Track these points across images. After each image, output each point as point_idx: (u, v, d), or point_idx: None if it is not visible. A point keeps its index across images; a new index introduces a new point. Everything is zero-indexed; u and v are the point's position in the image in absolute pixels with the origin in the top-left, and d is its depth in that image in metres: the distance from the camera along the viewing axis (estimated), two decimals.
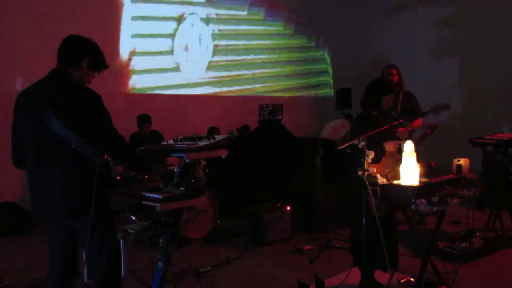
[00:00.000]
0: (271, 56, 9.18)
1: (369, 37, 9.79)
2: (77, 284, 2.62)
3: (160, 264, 2.75)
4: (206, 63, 8.29)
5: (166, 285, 3.22)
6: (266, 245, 4.82)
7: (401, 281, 3.31)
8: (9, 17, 6.05)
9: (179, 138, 2.89)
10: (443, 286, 3.18)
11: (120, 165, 3.07)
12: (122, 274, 3.63)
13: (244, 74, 8.75)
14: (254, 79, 8.90)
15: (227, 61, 8.52)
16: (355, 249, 3.49)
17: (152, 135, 6.16)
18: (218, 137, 2.73)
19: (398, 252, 3.53)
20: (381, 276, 3.34)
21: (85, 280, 3.49)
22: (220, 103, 8.21)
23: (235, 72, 8.65)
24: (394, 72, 4.86)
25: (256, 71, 8.93)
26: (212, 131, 6.88)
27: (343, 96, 8.48)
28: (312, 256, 4.40)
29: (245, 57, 8.77)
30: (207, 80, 8.27)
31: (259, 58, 8.98)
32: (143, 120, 6.16)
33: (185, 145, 2.62)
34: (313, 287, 3.39)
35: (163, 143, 3.03)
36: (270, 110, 6.66)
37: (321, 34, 9.55)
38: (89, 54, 2.49)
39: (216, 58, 8.38)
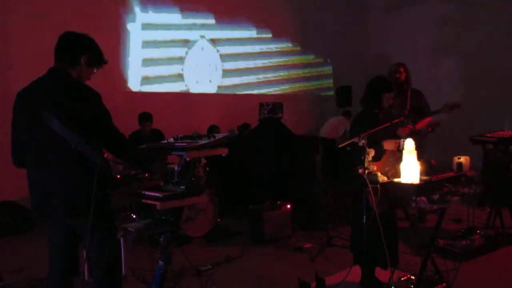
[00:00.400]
0: (280, 74, 9.26)
1: (370, 35, 9.78)
2: (78, 283, 2.62)
3: (161, 262, 2.75)
4: (216, 87, 8.35)
5: (166, 283, 3.22)
6: (267, 244, 4.82)
7: (402, 279, 3.31)
8: (11, 16, 6.05)
9: (179, 136, 2.89)
10: (444, 284, 3.18)
11: (120, 164, 3.07)
12: (123, 272, 3.63)
13: (251, 91, 8.79)
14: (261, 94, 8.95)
15: (236, 83, 8.61)
16: (356, 247, 3.49)
17: (153, 133, 6.16)
18: (218, 136, 2.73)
19: (399, 249, 3.53)
20: (381, 274, 3.34)
21: (86, 279, 3.50)
22: (220, 102, 8.20)
23: (245, 92, 8.71)
24: (401, 69, 4.89)
25: (265, 90, 8.98)
26: (212, 129, 6.88)
27: (343, 94, 8.49)
28: (312, 254, 4.40)
29: (252, 78, 8.81)
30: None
31: (268, 77, 9.04)
32: (145, 118, 6.16)
33: (185, 144, 2.62)
34: (314, 285, 3.39)
35: (163, 142, 3.03)
36: (270, 108, 6.66)
37: (321, 34, 9.51)
38: (87, 50, 2.46)
39: (225, 80, 8.45)
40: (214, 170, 5.09)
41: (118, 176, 2.61)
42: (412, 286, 3.13)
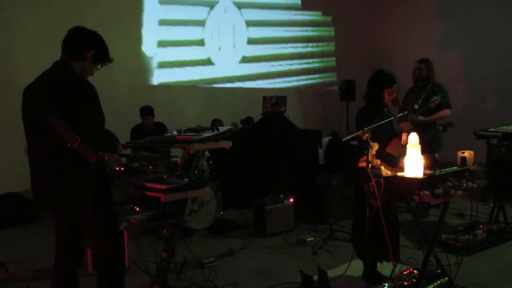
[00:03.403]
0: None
1: (374, 29, 9.72)
2: (82, 274, 2.64)
3: (164, 254, 2.77)
4: (240, 56, 8.15)
5: (169, 275, 3.25)
6: (269, 237, 4.83)
7: (404, 272, 3.31)
8: (19, 14, 6.06)
9: (182, 129, 2.90)
10: (446, 278, 3.18)
11: (124, 156, 3.07)
12: (126, 264, 3.66)
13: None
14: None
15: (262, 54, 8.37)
16: (356, 239, 3.50)
17: (155, 127, 6.15)
18: (222, 129, 2.74)
19: (399, 243, 3.51)
20: (384, 268, 3.35)
21: (89, 270, 3.53)
22: (223, 95, 8.18)
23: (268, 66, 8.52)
24: (422, 66, 5.12)
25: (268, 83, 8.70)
26: (215, 123, 6.87)
27: (347, 88, 8.44)
28: (315, 247, 4.42)
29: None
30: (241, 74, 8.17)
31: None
32: (146, 112, 6.14)
33: (189, 136, 2.63)
34: (316, 278, 3.41)
35: (167, 134, 3.04)
36: (274, 102, 6.64)
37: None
38: (93, 47, 2.48)
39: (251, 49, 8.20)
40: (217, 163, 5.11)
41: (122, 169, 2.62)
42: (414, 280, 3.13)
